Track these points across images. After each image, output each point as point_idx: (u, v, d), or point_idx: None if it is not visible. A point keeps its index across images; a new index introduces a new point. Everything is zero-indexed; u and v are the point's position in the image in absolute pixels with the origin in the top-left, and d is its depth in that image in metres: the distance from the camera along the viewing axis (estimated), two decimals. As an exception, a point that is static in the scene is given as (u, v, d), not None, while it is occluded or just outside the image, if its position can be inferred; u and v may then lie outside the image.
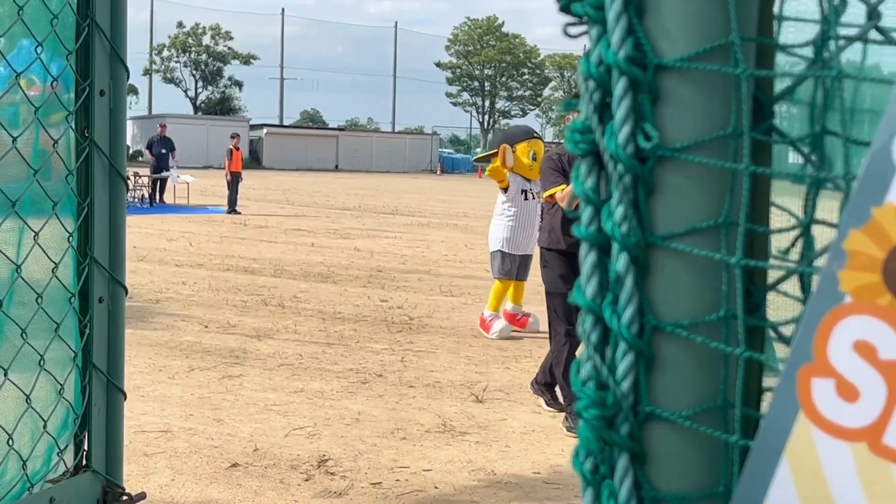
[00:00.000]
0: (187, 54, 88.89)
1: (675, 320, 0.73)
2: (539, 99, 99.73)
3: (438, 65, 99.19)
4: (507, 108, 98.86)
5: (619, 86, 0.72)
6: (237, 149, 25.30)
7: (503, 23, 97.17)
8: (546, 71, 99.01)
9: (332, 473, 5.09)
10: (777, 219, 0.72)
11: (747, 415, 0.71)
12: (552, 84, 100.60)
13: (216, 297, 10.77)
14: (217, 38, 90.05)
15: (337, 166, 71.17)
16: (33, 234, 1.77)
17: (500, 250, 9.07)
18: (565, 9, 0.72)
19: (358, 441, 5.64)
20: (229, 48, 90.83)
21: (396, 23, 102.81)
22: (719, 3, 0.71)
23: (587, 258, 0.74)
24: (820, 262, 0.69)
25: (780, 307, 0.72)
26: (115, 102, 1.91)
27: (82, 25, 1.88)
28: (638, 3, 0.71)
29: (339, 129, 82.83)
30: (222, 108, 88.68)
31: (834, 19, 0.63)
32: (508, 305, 9.44)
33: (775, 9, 0.71)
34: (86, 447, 1.98)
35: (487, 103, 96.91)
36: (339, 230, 20.08)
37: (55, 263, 1.82)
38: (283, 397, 6.54)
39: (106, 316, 1.96)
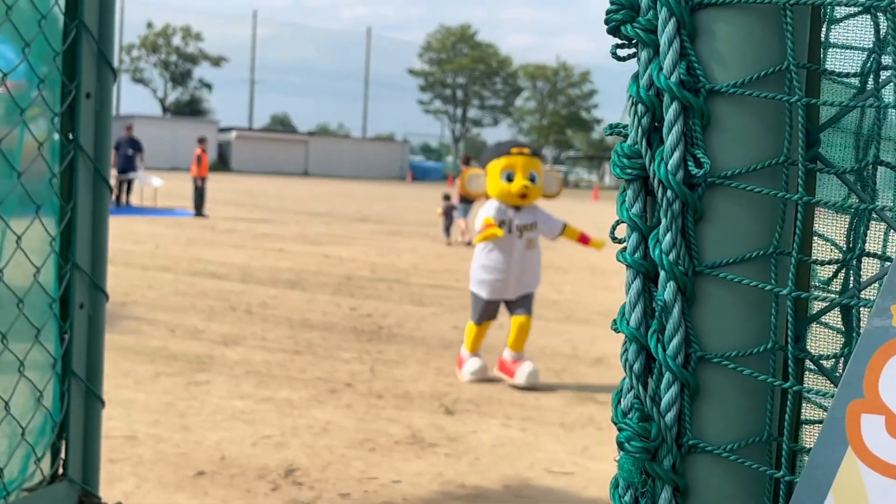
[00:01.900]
0: (157, 54, 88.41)
1: (722, 351, 0.71)
2: (511, 108, 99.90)
3: (411, 71, 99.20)
4: (479, 117, 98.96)
5: (671, 110, 0.70)
6: (205, 153, 25.24)
7: (477, 31, 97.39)
8: (519, 81, 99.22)
9: (299, 483, 5.05)
10: (818, 248, 0.70)
11: (790, 449, 0.70)
12: (524, 94, 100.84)
13: (183, 301, 10.69)
14: (187, 38, 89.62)
15: (306, 171, 70.99)
16: (15, 237, 1.73)
17: (473, 292, 7.84)
18: (613, 31, 0.70)
19: (326, 451, 5.60)
20: (199, 49, 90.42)
21: (370, 28, 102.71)
22: (773, 28, 0.69)
23: (632, 286, 0.72)
24: (867, 293, 0.68)
25: (818, 339, 0.70)
26: (101, 105, 1.89)
27: (70, 26, 1.86)
28: (691, 27, 0.69)
29: (310, 133, 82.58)
30: (191, 109, 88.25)
31: (892, 48, 0.62)
32: (505, 353, 7.71)
33: (822, 35, 0.70)
34: (63, 455, 1.94)
35: (459, 111, 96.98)
36: (308, 236, 20.00)
37: (37, 268, 1.79)
38: (250, 405, 6.48)
39: (86, 322, 1.93)
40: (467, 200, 21.48)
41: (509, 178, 7.54)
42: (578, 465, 5.66)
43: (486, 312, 7.71)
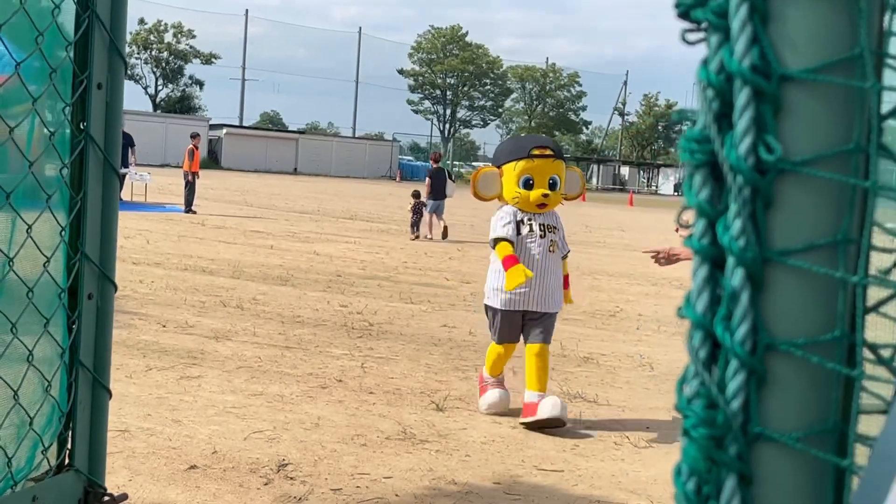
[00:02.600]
0: (148, 51, 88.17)
1: (789, 338, 0.71)
2: (500, 110, 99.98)
3: (401, 72, 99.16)
4: (468, 118, 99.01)
5: (743, 95, 0.70)
6: (197, 148, 25.21)
7: (467, 32, 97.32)
8: (508, 82, 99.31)
9: (291, 478, 5.05)
10: (875, 237, 0.71)
11: (855, 437, 0.70)
12: (514, 95, 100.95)
13: (174, 296, 10.67)
14: (179, 36, 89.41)
15: (296, 169, 70.91)
16: (26, 227, 1.73)
17: (486, 305, 6.78)
18: (684, 15, 0.70)
19: (318, 446, 5.60)
20: (191, 47, 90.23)
21: (361, 28, 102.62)
22: (845, 14, 0.70)
23: (698, 272, 0.72)
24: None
25: (874, 328, 0.71)
26: (111, 96, 1.88)
27: (82, 17, 1.85)
28: (763, 12, 0.70)
29: (300, 132, 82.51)
30: (182, 106, 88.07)
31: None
32: (526, 394, 6.50)
33: (885, 24, 0.70)
34: (69, 446, 1.94)
35: (448, 112, 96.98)
36: (298, 233, 19.98)
37: (47, 258, 1.78)
38: (242, 400, 6.48)
39: (94, 313, 1.92)
40: (437, 197, 21.60)
41: (527, 185, 6.56)
42: (568, 463, 5.67)
43: (504, 327, 6.61)
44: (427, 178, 22.39)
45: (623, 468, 5.69)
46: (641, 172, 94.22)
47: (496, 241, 6.56)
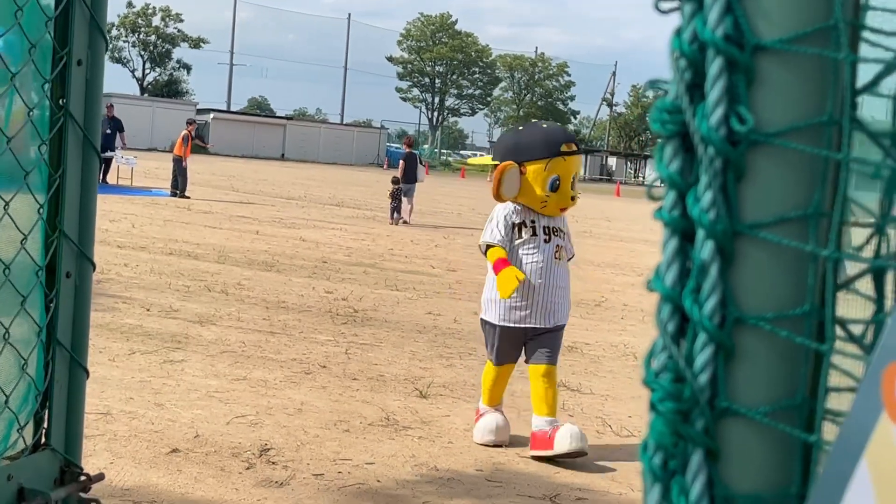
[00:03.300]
0: (136, 34, 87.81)
1: (759, 313, 0.70)
2: (489, 98, 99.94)
3: (390, 59, 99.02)
4: (456, 106, 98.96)
5: (715, 65, 0.69)
6: (192, 135, 25.24)
7: (456, 20, 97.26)
8: (497, 71, 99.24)
9: (273, 463, 5.04)
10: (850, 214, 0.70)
11: (823, 413, 0.70)
12: (502, 84, 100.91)
13: (158, 280, 10.64)
14: (167, 19, 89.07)
15: (283, 155, 70.75)
16: (3, 204, 1.71)
17: (482, 319, 5.84)
18: None
19: (300, 431, 5.60)
20: (179, 31, 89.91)
21: (350, 14, 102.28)
22: None
23: (668, 244, 0.72)
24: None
25: (845, 305, 0.70)
26: (92, 73, 1.86)
27: (63, -9, 1.84)
28: None
29: (287, 118, 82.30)
30: (169, 90, 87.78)
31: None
32: (535, 421, 5.55)
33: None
34: (45, 425, 1.93)
35: (437, 100, 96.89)
36: (285, 219, 19.95)
37: (24, 235, 1.77)
38: (225, 384, 6.46)
39: (72, 291, 1.91)
40: (409, 181, 21.91)
41: (554, 187, 5.57)
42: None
43: (503, 346, 5.69)
44: (401, 162, 22.75)
45: (605, 456, 5.70)
46: (629, 163, 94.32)
47: (487, 247, 5.65)
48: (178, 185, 23.99)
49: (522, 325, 5.58)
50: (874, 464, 0.64)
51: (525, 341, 5.67)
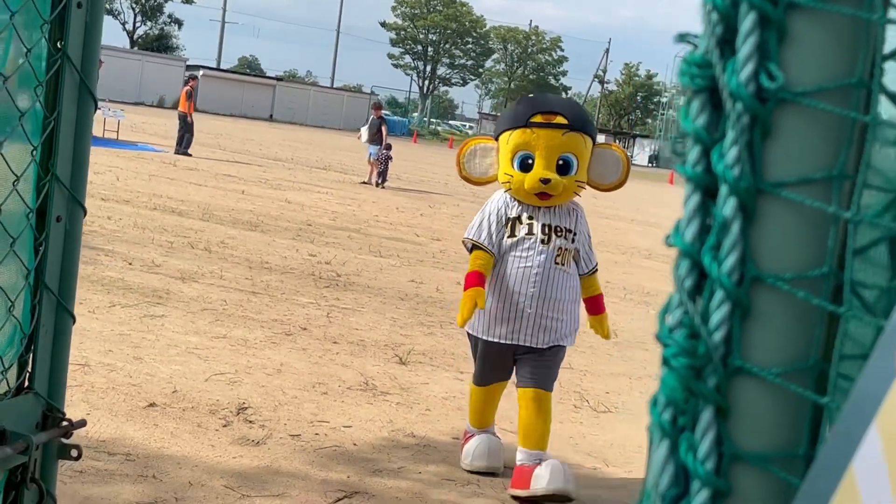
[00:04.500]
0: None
1: (777, 272, 0.70)
2: (480, 70, 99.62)
3: (383, 24, 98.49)
4: (448, 76, 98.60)
5: (748, 20, 0.69)
6: (194, 90, 25.19)
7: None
8: (490, 42, 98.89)
9: (250, 422, 5.05)
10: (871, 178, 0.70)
11: (834, 376, 0.70)
12: (495, 56, 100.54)
13: (141, 235, 10.60)
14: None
15: (272, 116, 70.43)
16: (-4, 143, 1.70)
17: (468, 330, 4.83)
18: None
19: (279, 392, 5.60)
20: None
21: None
22: None
23: (690, 200, 0.71)
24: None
25: (858, 271, 0.70)
26: (91, 16, 1.84)
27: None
28: None
29: (277, 78, 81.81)
30: (160, 45, 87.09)
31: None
32: (518, 454, 4.63)
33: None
34: (29, 368, 1.92)
35: (429, 69, 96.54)
36: (271, 180, 19.88)
37: (17, 176, 1.76)
38: (205, 342, 6.46)
39: (62, 236, 1.90)
40: (376, 142, 22.08)
41: (525, 165, 4.55)
42: (529, 424, 5.70)
43: (487, 363, 4.79)
44: (384, 127, 22.86)
45: (581, 431, 5.73)
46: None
47: (473, 246, 4.69)
48: (184, 142, 23.85)
49: (508, 342, 4.65)
50: (885, 429, 0.64)
51: (514, 360, 4.74)
